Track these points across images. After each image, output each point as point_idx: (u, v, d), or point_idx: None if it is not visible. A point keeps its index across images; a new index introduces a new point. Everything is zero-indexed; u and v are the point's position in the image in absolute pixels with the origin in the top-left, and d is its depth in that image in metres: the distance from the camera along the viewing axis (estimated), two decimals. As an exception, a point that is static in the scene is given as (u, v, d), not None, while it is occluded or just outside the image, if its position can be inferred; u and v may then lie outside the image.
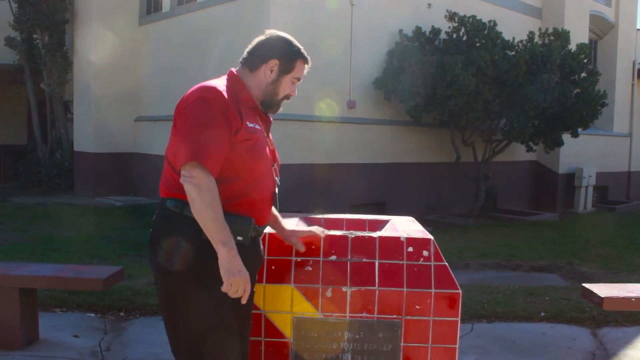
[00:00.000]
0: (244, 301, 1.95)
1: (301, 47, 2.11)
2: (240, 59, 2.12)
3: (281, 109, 2.18)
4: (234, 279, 1.87)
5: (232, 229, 1.92)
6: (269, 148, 2.14)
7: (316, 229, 2.41)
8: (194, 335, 1.97)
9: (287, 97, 2.13)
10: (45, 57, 11.50)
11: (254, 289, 2.20)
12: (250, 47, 2.11)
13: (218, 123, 1.90)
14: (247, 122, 1.96)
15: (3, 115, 13.86)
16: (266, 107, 2.10)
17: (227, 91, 1.96)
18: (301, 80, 2.15)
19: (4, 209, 9.36)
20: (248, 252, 2.02)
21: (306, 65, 2.13)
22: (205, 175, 1.86)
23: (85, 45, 11.32)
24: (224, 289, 1.88)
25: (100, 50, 11.04)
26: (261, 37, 2.11)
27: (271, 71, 2.05)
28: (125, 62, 11.27)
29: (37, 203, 10.11)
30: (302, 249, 2.35)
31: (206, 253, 1.92)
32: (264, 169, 2.05)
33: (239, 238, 1.96)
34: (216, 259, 1.89)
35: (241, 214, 1.98)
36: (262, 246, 2.22)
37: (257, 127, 2.03)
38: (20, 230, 7.59)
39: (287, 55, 2.07)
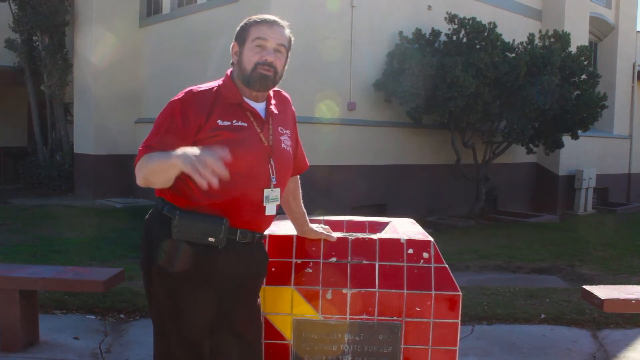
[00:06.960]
0: (227, 158, 1.73)
1: (255, 16, 2.06)
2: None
3: (274, 84, 2.03)
4: (187, 161, 1.69)
5: (202, 229, 1.91)
6: (269, 145, 2.04)
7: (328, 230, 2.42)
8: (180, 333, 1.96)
9: (261, 65, 1.97)
10: (45, 58, 11.50)
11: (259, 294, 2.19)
12: None
13: (170, 119, 1.95)
14: (218, 120, 1.94)
15: (3, 117, 13.87)
16: (248, 84, 2.01)
17: (209, 91, 1.98)
18: (268, 40, 1.99)
19: (4, 211, 9.36)
20: (236, 255, 1.98)
21: (266, 25, 2.01)
22: (142, 156, 1.91)
23: (86, 47, 11.32)
24: (196, 177, 1.67)
25: (100, 52, 11.04)
26: None
27: (235, 53, 2.05)
28: (125, 64, 11.27)
29: (37, 205, 10.11)
30: (334, 238, 2.36)
31: (175, 252, 1.91)
32: (241, 168, 1.91)
33: (210, 239, 1.91)
34: (189, 260, 1.90)
35: (215, 213, 1.93)
36: (264, 252, 2.17)
37: (235, 123, 1.96)
38: (21, 232, 7.59)
39: (240, 31, 2.06)
